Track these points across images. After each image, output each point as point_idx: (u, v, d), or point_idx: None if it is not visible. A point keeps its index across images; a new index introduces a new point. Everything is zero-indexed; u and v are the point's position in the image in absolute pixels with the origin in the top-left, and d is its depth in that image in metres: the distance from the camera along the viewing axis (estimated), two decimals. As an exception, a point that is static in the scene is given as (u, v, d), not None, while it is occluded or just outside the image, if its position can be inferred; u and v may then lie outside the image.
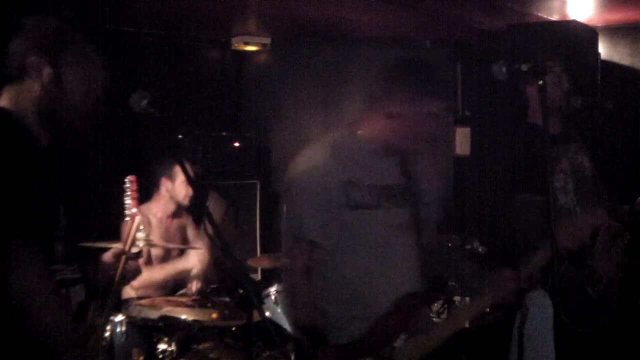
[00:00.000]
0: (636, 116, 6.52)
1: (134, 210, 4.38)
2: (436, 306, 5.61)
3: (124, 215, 4.41)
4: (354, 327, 3.60)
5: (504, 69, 3.52)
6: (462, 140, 7.20)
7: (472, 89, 7.34)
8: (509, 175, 4.50)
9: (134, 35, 7.15)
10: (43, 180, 2.84)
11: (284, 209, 3.68)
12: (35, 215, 2.75)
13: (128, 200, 4.42)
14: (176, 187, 5.92)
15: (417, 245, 3.75)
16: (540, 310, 4.08)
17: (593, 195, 4.72)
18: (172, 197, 5.97)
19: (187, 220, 6.15)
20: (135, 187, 4.44)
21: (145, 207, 5.96)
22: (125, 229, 4.42)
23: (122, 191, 4.42)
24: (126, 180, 4.45)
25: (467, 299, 6.10)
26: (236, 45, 7.92)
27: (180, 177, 5.87)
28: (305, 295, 3.60)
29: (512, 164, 4.51)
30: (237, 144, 7.88)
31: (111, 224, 5.81)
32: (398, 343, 3.58)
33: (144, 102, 2.91)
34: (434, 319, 3.95)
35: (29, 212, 2.72)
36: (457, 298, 5.82)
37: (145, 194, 6.05)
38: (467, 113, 7.42)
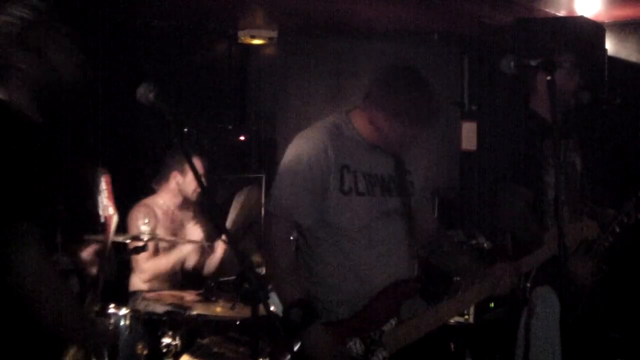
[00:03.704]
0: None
1: (111, 211, 4.28)
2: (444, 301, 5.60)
3: (99, 215, 4.30)
4: (342, 311, 3.63)
5: (512, 64, 3.50)
6: (468, 135, 7.18)
7: (479, 84, 7.33)
8: (510, 168, 4.50)
9: (141, 28, 7.14)
10: (43, 166, 2.84)
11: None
12: (39, 200, 2.76)
13: (105, 202, 4.31)
14: (187, 181, 5.91)
15: (408, 233, 3.76)
16: (546, 306, 4.07)
17: (580, 195, 4.69)
18: (180, 191, 5.96)
19: (190, 212, 6.13)
20: (111, 187, 4.34)
21: (151, 199, 5.96)
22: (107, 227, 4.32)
23: (97, 191, 4.30)
24: (101, 180, 4.33)
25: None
26: (243, 38, 7.91)
27: (190, 172, 5.85)
28: (293, 276, 3.61)
29: (515, 157, 4.50)
30: (243, 137, 7.87)
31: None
32: (387, 327, 3.61)
33: (151, 94, 2.89)
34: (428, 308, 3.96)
35: (34, 196, 2.73)
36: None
37: (151, 186, 6.06)
38: (474, 107, 7.40)
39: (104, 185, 4.34)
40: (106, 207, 4.32)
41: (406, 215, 3.76)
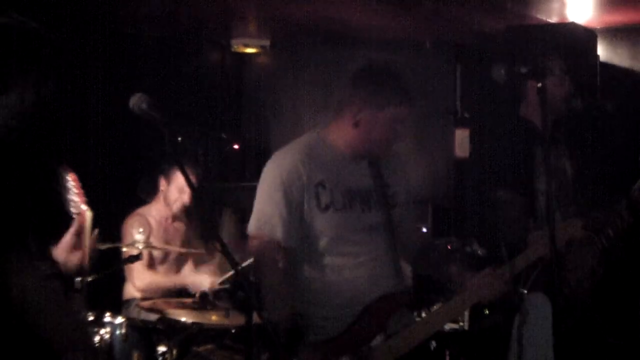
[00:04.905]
0: (635, 118, 6.52)
1: (84, 207, 4.21)
2: (435, 308, 5.61)
3: (70, 214, 4.21)
4: (330, 327, 3.64)
5: (503, 72, 3.53)
6: (461, 142, 7.19)
7: (472, 91, 7.35)
8: (504, 175, 4.51)
9: (134, 37, 7.14)
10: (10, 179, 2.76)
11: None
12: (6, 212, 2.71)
13: (75, 198, 4.23)
14: (170, 189, 5.90)
15: (391, 246, 3.79)
16: (539, 312, 4.08)
17: (572, 200, 4.70)
18: (164, 198, 5.95)
19: (187, 224, 6.12)
20: (79, 184, 4.27)
21: (145, 209, 5.97)
22: (81, 226, 4.22)
23: (64, 189, 4.22)
24: (67, 177, 4.25)
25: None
26: (236, 47, 7.91)
27: (176, 182, 5.85)
28: (281, 295, 3.61)
29: (507, 165, 4.51)
30: (237, 146, 7.88)
31: (113, 225, 5.83)
32: (375, 343, 3.61)
33: (144, 104, 2.91)
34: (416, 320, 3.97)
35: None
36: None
37: (146, 196, 6.07)
38: (467, 115, 7.42)
39: (70, 182, 4.26)
40: (77, 204, 4.21)
41: (389, 229, 3.78)
